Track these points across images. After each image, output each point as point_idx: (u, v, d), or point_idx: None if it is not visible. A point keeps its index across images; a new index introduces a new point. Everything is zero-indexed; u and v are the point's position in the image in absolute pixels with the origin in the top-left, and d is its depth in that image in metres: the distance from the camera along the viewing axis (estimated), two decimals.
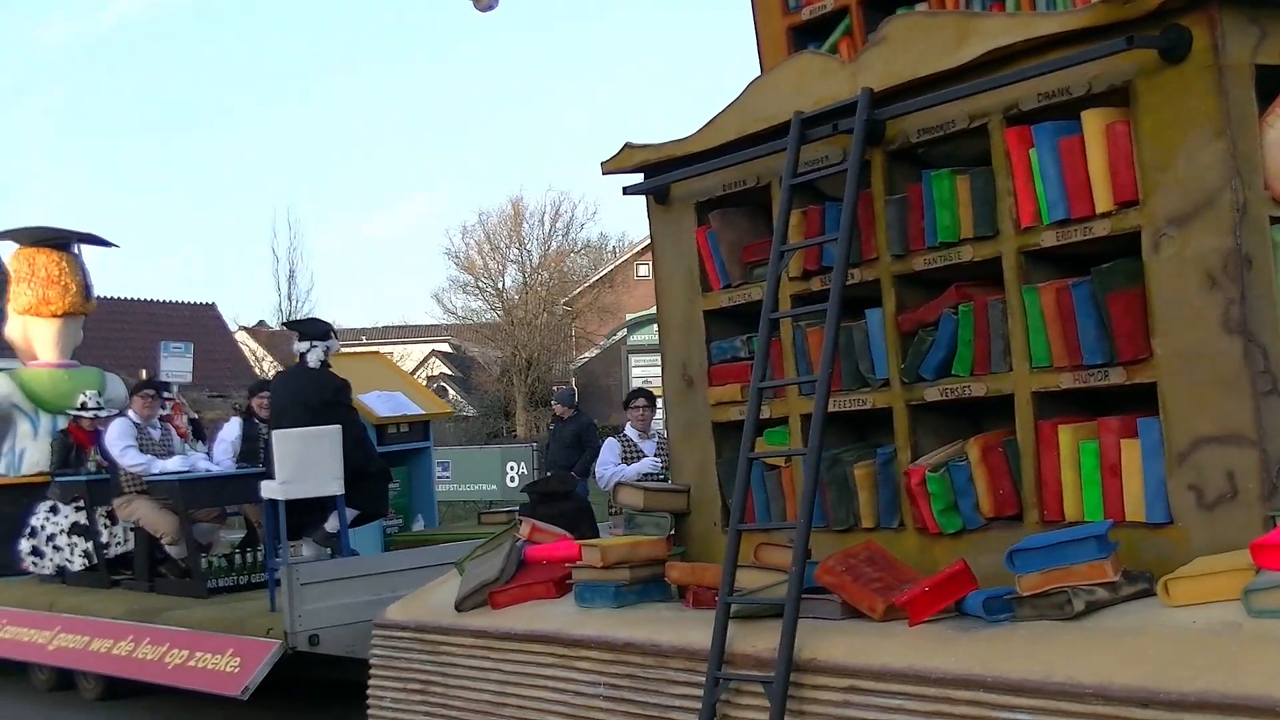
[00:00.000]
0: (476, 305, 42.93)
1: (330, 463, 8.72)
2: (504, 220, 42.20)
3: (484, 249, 42.01)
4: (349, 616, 8.30)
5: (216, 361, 33.18)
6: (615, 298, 43.48)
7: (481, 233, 42.01)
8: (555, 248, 42.89)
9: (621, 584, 5.97)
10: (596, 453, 17.33)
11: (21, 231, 12.70)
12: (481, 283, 42.31)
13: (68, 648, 9.69)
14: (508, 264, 42.03)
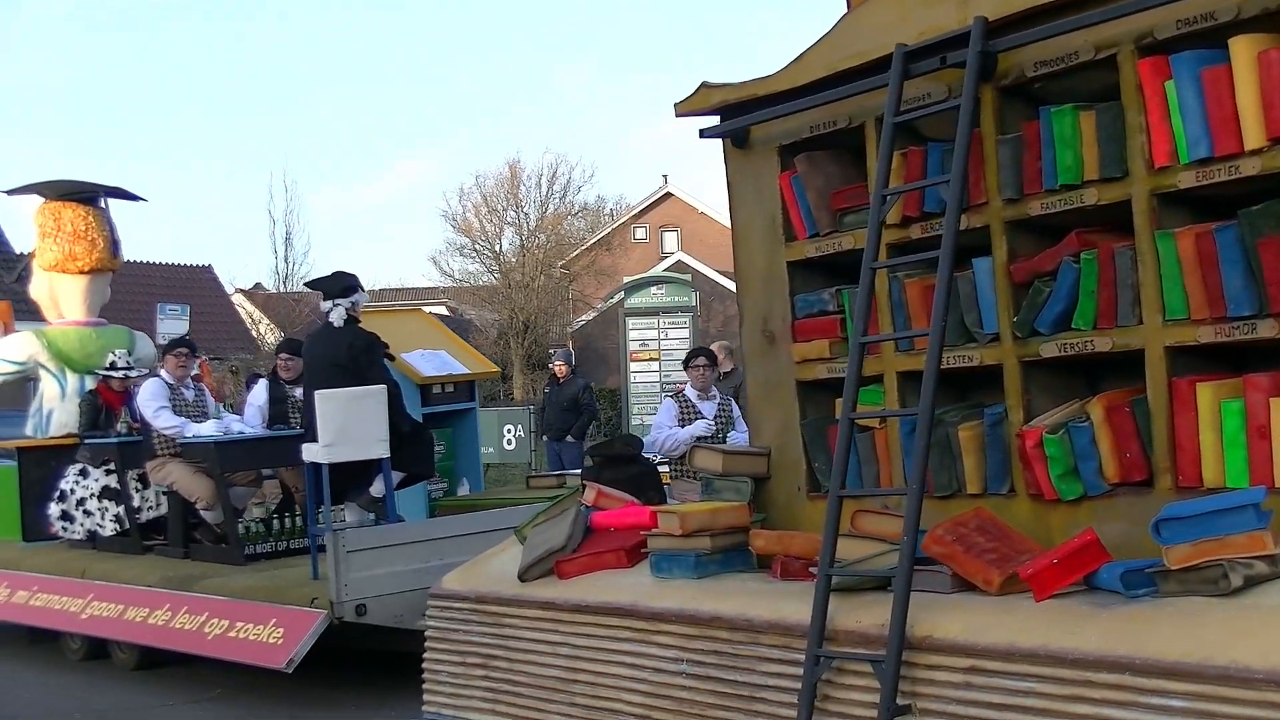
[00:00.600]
0: (473, 268, 42.74)
1: (375, 424, 8.35)
2: (501, 183, 41.89)
3: (481, 212, 41.78)
4: (397, 585, 7.97)
5: (213, 324, 33.44)
6: (613, 260, 43.06)
7: (478, 195, 41.81)
8: (552, 210, 42.59)
9: (702, 553, 5.59)
10: (594, 415, 17.10)
11: (47, 185, 12.29)
12: (478, 245, 42.11)
13: (101, 616, 9.36)
14: (505, 227, 41.80)
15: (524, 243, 41.13)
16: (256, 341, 36.08)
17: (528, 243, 41.08)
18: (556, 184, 42.35)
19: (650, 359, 24.49)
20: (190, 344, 10.72)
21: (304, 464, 8.95)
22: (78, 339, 12.17)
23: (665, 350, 24.43)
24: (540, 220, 41.72)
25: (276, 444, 9.84)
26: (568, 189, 42.83)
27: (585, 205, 45.99)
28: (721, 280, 43.97)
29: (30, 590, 10.21)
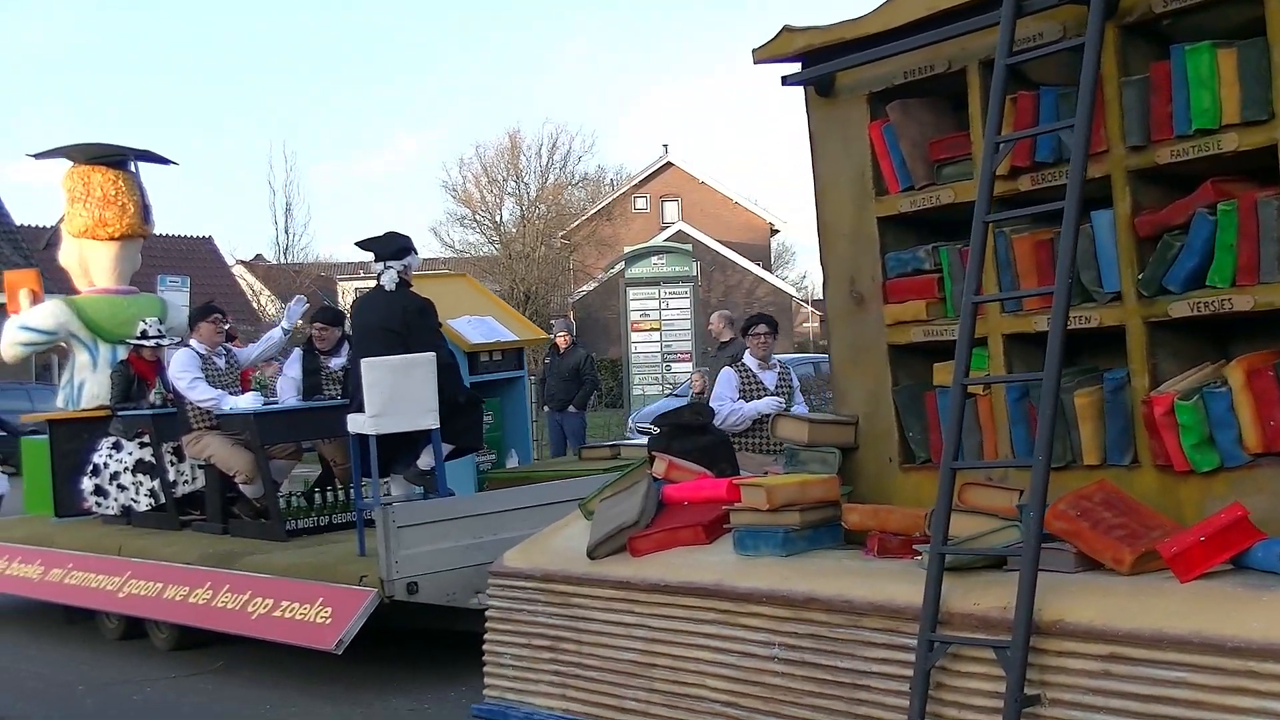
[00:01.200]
0: (474, 239, 43.01)
1: (424, 393, 8.00)
2: (501, 153, 42.20)
3: (481, 182, 41.98)
4: (449, 562, 7.65)
5: (214, 296, 33.02)
6: (613, 230, 43.20)
7: (479, 166, 41.96)
8: (553, 181, 42.84)
9: (791, 529, 5.23)
10: (595, 385, 16.79)
11: (75, 148, 11.92)
12: (479, 216, 42.31)
13: (140, 595, 9.04)
14: (505, 197, 42.06)
15: (524, 213, 41.34)
16: (258, 313, 36.18)
17: (528, 213, 41.31)
18: (557, 154, 42.81)
19: (651, 329, 24.33)
20: (220, 310, 10.38)
21: (348, 436, 8.62)
22: (109, 307, 11.83)
23: (666, 320, 24.28)
24: (540, 190, 41.95)
25: (317, 415, 9.50)
26: (568, 159, 43.31)
27: (585, 175, 46.55)
28: (722, 250, 43.82)
29: (65, 568, 9.89)
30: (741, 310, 37.12)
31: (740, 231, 48.95)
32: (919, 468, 5.47)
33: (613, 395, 29.22)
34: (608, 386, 30.14)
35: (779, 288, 47.90)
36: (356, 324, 8.56)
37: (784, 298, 48.26)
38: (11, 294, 12.11)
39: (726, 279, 45.15)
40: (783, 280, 51.14)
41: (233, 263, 42.15)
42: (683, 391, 19.71)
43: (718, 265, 44.10)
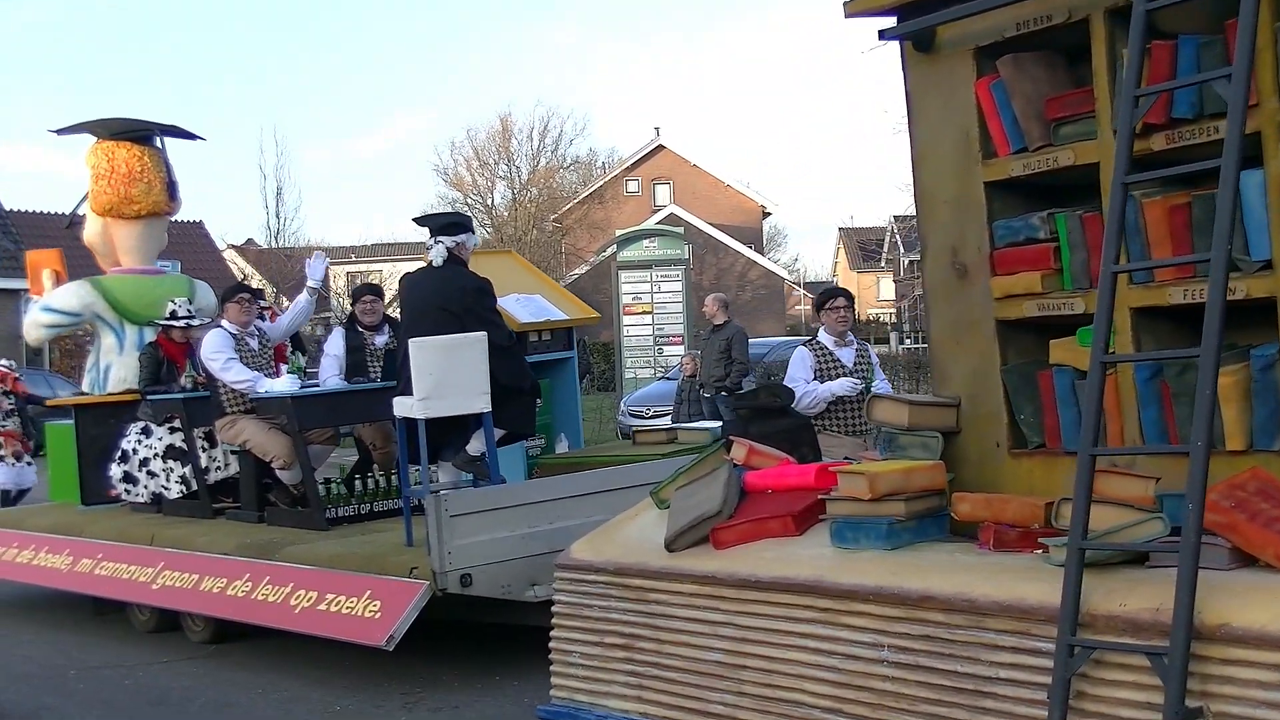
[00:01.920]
0: None
1: (476, 376, 7.58)
2: (493, 137, 42.61)
3: (473, 166, 42.26)
4: (504, 553, 7.26)
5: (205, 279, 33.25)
6: (605, 214, 43.48)
7: (470, 149, 42.13)
8: (544, 164, 43.04)
9: (896, 520, 4.83)
10: (587, 369, 16.36)
11: (99, 123, 11.51)
12: (471, 200, 42.48)
13: (175, 587, 8.65)
14: (497, 181, 42.47)
15: (516, 196, 41.67)
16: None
17: (520, 197, 41.66)
18: (548, 137, 43.41)
19: (643, 312, 24.27)
20: (252, 289, 9.97)
21: (388, 419, 8.20)
22: (135, 288, 11.42)
23: (658, 303, 24.14)
24: (532, 174, 42.36)
25: (357, 398, 9.11)
26: (559, 142, 43.91)
27: (577, 158, 47.43)
28: (714, 233, 43.89)
29: (95, 558, 9.51)
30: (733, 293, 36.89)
31: (732, 214, 49.31)
32: (1030, 453, 5.06)
33: (605, 379, 28.95)
34: (600, 370, 29.83)
35: (771, 270, 48.03)
36: (406, 303, 8.13)
37: (776, 280, 48.26)
38: (34, 275, 11.72)
39: (719, 262, 45.10)
40: (775, 263, 51.46)
41: (224, 247, 42.52)
42: (673, 375, 19.37)
43: (710, 248, 44.03)
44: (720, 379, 15.20)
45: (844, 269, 77.87)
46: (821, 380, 8.26)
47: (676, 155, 49.80)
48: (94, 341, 11.59)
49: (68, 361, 34.37)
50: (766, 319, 44.26)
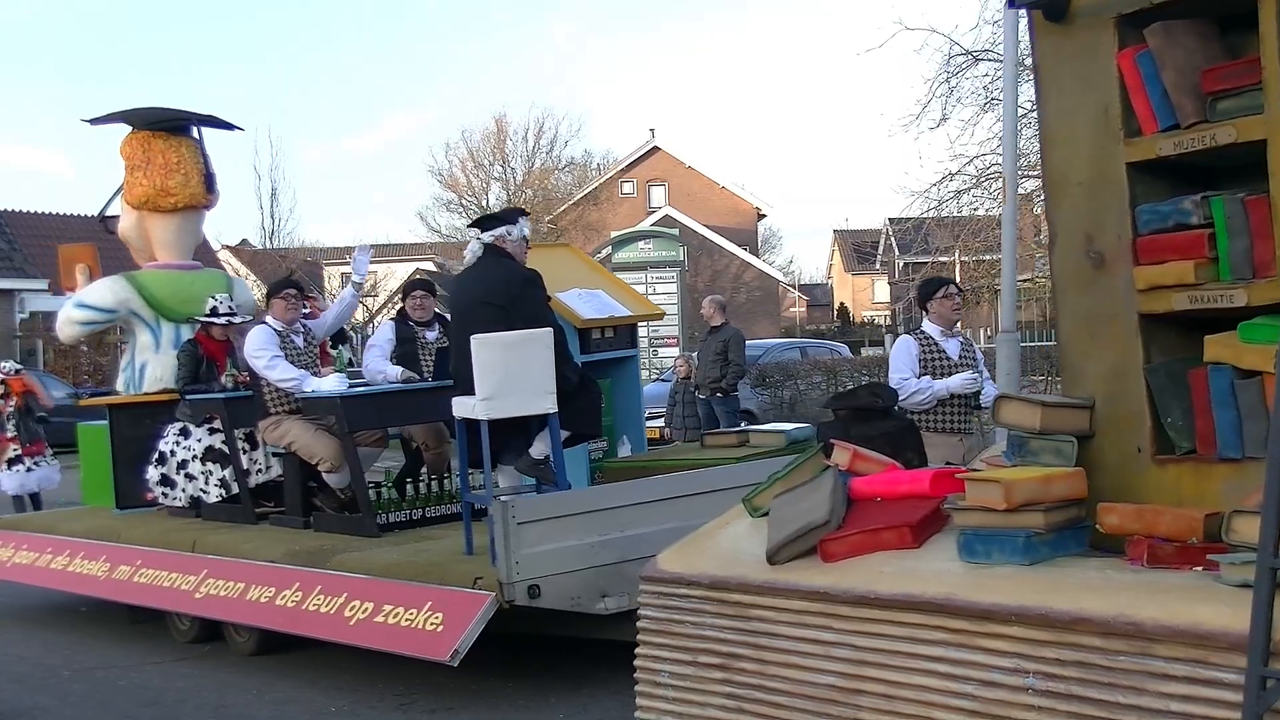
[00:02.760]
0: (460, 223, 43.44)
1: (542, 374, 7.17)
2: (487, 138, 42.85)
3: (468, 167, 42.36)
4: (574, 562, 6.85)
5: None
6: (600, 215, 43.46)
7: (465, 150, 42.18)
8: (539, 165, 43.04)
9: (1034, 532, 4.39)
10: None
11: (134, 113, 11.10)
12: (466, 200, 42.64)
13: (219, 596, 8.24)
14: (491, 182, 42.43)
15: (511, 198, 42.14)
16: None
17: (514, 197, 41.95)
18: (543, 139, 43.73)
19: None
20: (297, 284, 9.57)
21: (447, 420, 7.78)
22: (172, 283, 11.01)
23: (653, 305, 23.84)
24: (527, 175, 42.56)
25: (409, 398, 8.71)
26: (554, 144, 44.20)
27: (572, 160, 47.38)
28: (709, 234, 43.98)
29: (133, 565, 9.11)
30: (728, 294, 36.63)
31: (727, 216, 49.51)
32: (1178, 460, 4.60)
33: None
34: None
35: (766, 272, 48.13)
36: (453, 302, 7.72)
37: (770, 282, 48.17)
38: (67, 270, 11.33)
39: (713, 263, 44.98)
40: (769, 265, 51.77)
41: (218, 247, 42.25)
42: (667, 377, 19.01)
43: (705, 250, 43.99)
44: (716, 380, 14.94)
45: (839, 271, 77.72)
46: (928, 373, 7.78)
47: (672, 157, 50.02)
48: (128, 339, 11.18)
49: (62, 362, 34.29)
50: (761, 321, 44.10)
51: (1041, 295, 34.26)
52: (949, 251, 24.63)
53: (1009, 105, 12.85)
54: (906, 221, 22.39)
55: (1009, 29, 12.95)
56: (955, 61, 18.26)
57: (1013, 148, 12.76)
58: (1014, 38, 13.17)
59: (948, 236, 22.66)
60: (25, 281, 35.61)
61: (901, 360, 7.83)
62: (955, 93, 18.42)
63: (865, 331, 52.80)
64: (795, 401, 19.78)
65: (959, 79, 18.36)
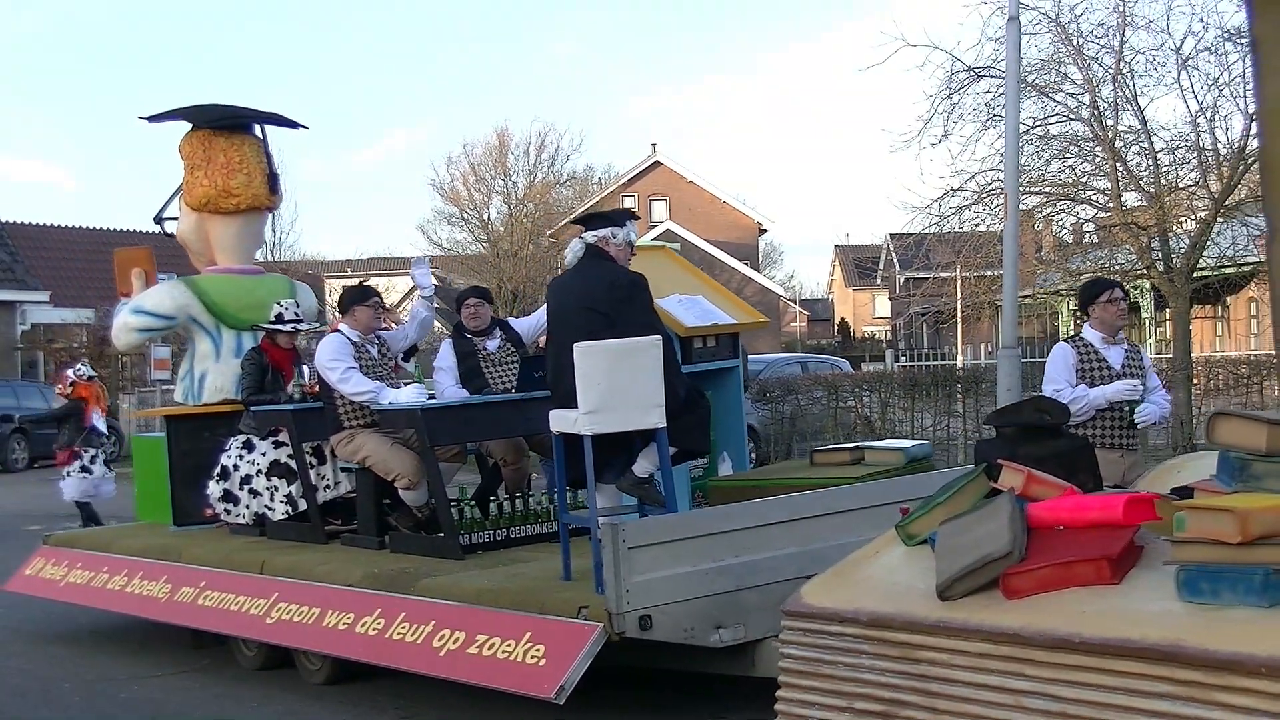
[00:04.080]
0: (461, 237, 43.67)
1: (650, 385, 6.61)
2: (489, 151, 42.70)
3: (469, 180, 42.52)
4: (687, 590, 6.30)
5: None
6: None
7: (466, 164, 42.44)
8: (540, 179, 43.23)
9: (1275, 569, 3.79)
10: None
11: (194, 110, 10.59)
12: (466, 214, 42.87)
13: (293, 621, 7.70)
14: (493, 195, 42.71)
15: (512, 211, 42.12)
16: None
17: (516, 211, 41.89)
18: (545, 153, 43.87)
19: None
20: (378, 291, 9.04)
21: (536, 434, 7.23)
22: (234, 289, 10.48)
23: None
24: (528, 189, 42.80)
25: (492, 410, 8.16)
26: (556, 158, 44.46)
27: (573, 174, 47.41)
28: (710, 249, 44.15)
29: (197, 586, 8.57)
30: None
31: (728, 230, 49.63)
32: None
33: None
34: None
35: (767, 287, 48.43)
36: (550, 308, 7.15)
37: (771, 297, 48.19)
38: (122, 274, 10.82)
39: (714, 278, 44.63)
40: (770, 280, 52.30)
41: None
42: None
43: (705, 264, 44.02)
44: None
45: (839, 286, 77.33)
46: (1085, 384, 7.15)
47: (673, 171, 50.13)
48: (187, 347, 10.65)
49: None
50: (762, 335, 43.84)
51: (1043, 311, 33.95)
52: (950, 267, 24.39)
53: (1011, 121, 12.58)
54: (908, 237, 22.20)
55: (1011, 46, 12.66)
56: (957, 78, 18.21)
57: (1014, 164, 12.52)
58: (1016, 54, 12.88)
59: (949, 252, 22.45)
60: (27, 293, 35.53)
61: (1057, 369, 7.20)
62: (957, 109, 18.37)
63: (866, 346, 52.66)
64: (796, 416, 19.42)
65: (961, 95, 18.33)
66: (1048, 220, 22.03)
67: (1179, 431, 16.55)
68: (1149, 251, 18.04)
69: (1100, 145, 18.12)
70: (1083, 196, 19.39)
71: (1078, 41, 18.07)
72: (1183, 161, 18.37)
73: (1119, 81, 17.89)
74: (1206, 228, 17.42)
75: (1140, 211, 18.18)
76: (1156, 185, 17.80)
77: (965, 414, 18.08)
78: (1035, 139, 18.57)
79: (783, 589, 6.50)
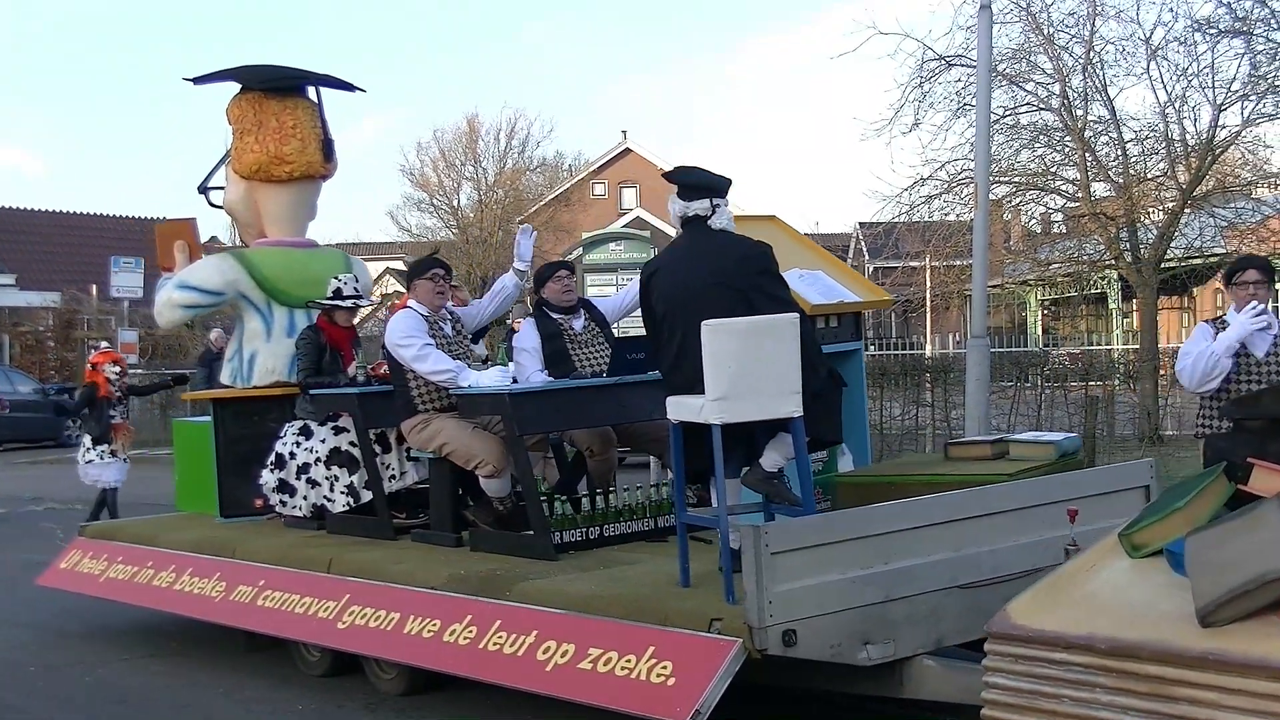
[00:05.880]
0: (431, 223, 43.68)
1: (788, 369, 5.87)
2: (459, 138, 42.37)
3: (439, 166, 42.74)
4: (834, 602, 5.58)
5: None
6: (571, 216, 43.14)
7: (437, 150, 42.47)
8: (511, 165, 43.47)
9: None
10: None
11: (244, 71, 9.79)
12: (437, 200, 43.14)
13: (368, 627, 6.94)
14: (463, 182, 43.01)
15: (482, 198, 41.91)
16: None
17: (486, 198, 41.64)
18: (515, 139, 43.37)
19: None
20: (445, 264, 8.28)
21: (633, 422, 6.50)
22: (286, 263, 9.67)
23: None
24: (498, 176, 43.14)
25: (591, 395, 7.42)
26: (526, 144, 43.87)
27: (544, 161, 47.06)
28: None
29: (255, 585, 7.83)
30: None
31: None
32: None
33: None
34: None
35: None
36: (668, 281, 6.31)
37: None
38: (164, 248, 10.04)
39: None
40: None
41: None
42: None
43: None
44: None
45: None
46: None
47: (644, 159, 49.61)
48: (235, 326, 9.88)
49: (29, 357, 33.53)
50: None
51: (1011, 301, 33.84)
52: (919, 256, 24.61)
53: (981, 111, 12.40)
54: (877, 226, 22.37)
55: (983, 35, 12.43)
56: (928, 66, 18.38)
57: (984, 153, 12.44)
58: (987, 43, 12.63)
59: (918, 241, 22.74)
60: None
61: (1196, 344, 6.60)
62: (928, 98, 18.61)
63: None
64: None
65: (932, 84, 18.53)
66: (1017, 210, 22.32)
67: (1145, 422, 16.45)
68: (1117, 242, 18.31)
69: (1070, 135, 18.39)
70: (1052, 186, 19.63)
71: (1048, 30, 18.32)
72: (1151, 152, 18.71)
73: (1089, 71, 18.23)
74: (1174, 218, 17.76)
75: (1109, 202, 18.55)
76: (1125, 175, 18.33)
77: (934, 403, 17.82)
78: (1005, 128, 18.77)
79: (933, 600, 5.80)
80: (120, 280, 27.46)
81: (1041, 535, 6.06)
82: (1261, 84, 16.89)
